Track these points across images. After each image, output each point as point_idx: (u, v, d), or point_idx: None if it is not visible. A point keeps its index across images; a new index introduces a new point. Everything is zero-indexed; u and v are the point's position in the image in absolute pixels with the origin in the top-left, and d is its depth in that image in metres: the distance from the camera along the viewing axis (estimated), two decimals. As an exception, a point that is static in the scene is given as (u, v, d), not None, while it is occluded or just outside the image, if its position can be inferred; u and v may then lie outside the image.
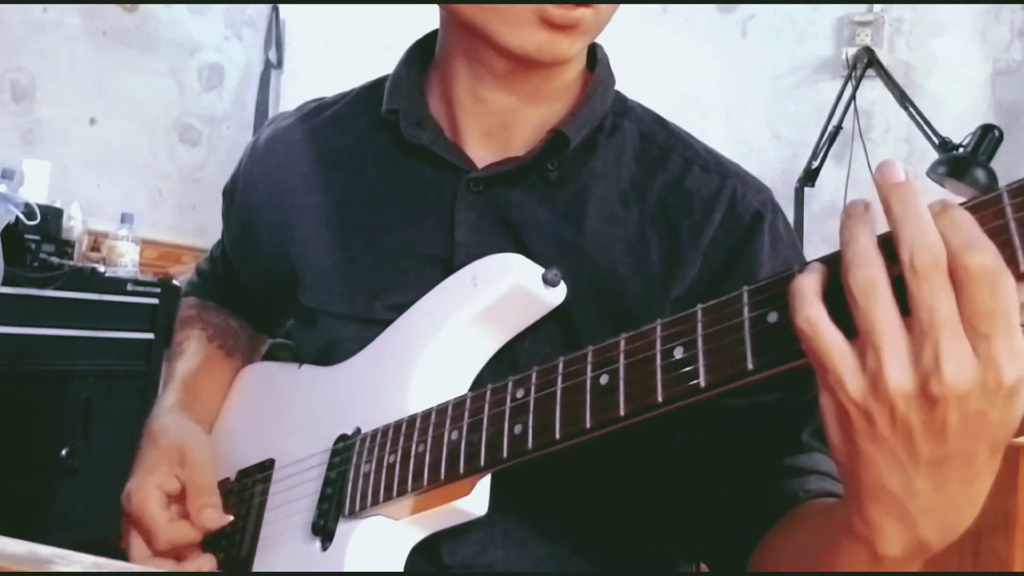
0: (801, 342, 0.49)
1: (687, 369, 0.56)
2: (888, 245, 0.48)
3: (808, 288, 0.49)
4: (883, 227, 0.49)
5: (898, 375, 0.47)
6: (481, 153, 0.82)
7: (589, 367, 0.61)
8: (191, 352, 1.00)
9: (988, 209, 0.47)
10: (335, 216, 0.86)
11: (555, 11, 0.72)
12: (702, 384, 0.55)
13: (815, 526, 0.63)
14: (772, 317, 0.52)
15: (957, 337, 0.46)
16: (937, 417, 0.47)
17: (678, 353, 0.56)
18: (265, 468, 0.86)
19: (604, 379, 0.60)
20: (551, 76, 0.81)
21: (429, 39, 0.89)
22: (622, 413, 0.59)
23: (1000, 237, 0.46)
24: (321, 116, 0.93)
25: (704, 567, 0.87)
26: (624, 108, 0.86)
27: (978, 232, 0.46)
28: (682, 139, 0.85)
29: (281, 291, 0.92)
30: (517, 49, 0.74)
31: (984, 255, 0.45)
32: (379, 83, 0.90)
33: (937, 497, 0.50)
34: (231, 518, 0.84)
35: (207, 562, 0.84)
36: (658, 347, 0.58)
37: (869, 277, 0.47)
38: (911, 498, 0.50)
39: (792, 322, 0.49)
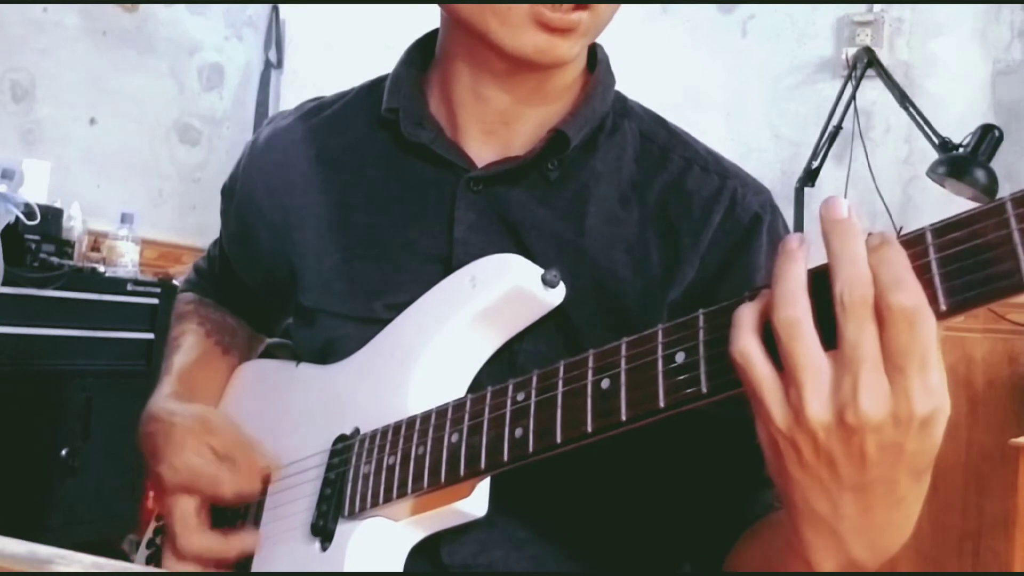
0: (736, 372, 0.52)
1: (689, 375, 0.56)
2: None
3: (745, 319, 0.52)
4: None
5: (817, 407, 0.49)
6: (481, 152, 0.82)
7: (590, 371, 0.61)
8: (188, 346, 1.00)
9: (917, 247, 0.49)
10: (334, 215, 0.86)
11: (552, 14, 0.72)
12: (704, 390, 0.55)
13: (770, 537, 0.67)
14: None
15: (876, 371, 0.48)
16: (855, 446, 0.50)
17: (680, 358, 0.56)
18: (265, 468, 0.86)
19: (605, 383, 0.60)
20: (551, 76, 0.81)
21: (429, 38, 0.89)
22: (624, 418, 0.59)
23: (924, 276, 0.48)
24: (320, 115, 0.93)
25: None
26: (624, 108, 0.86)
27: (906, 271, 0.48)
28: (682, 139, 0.85)
29: (279, 290, 0.92)
30: (515, 51, 0.74)
31: (905, 295, 0.48)
32: (379, 82, 0.90)
33: (864, 520, 0.53)
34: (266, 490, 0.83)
35: (250, 538, 0.82)
36: (660, 352, 0.58)
37: (792, 317, 0.50)
38: (839, 521, 0.53)
39: (728, 353, 0.52)
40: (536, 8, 0.72)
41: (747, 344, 0.51)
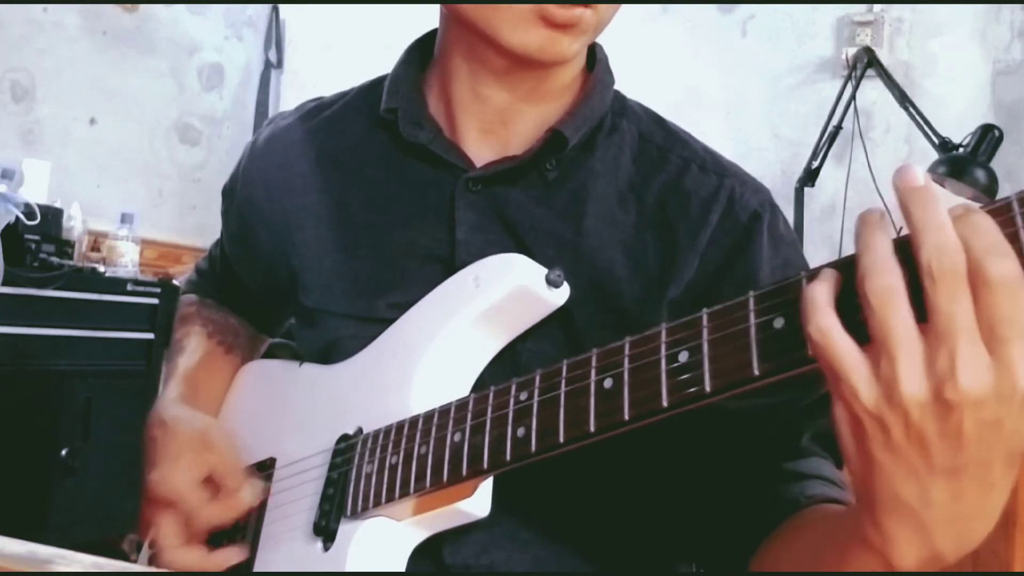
0: (813, 351, 0.49)
1: (692, 374, 0.56)
2: (905, 249, 0.48)
3: (820, 297, 0.49)
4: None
5: (913, 382, 0.46)
6: (479, 151, 0.82)
7: (593, 371, 0.61)
8: (192, 348, 1.00)
9: (1004, 215, 0.47)
10: (334, 216, 0.86)
11: (556, 10, 0.72)
12: (707, 389, 0.55)
13: (820, 534, 0.63)
14: (778, 323, 0.52)
15: (973, 343, 0.45)
16: (952, 425, 0.46)
17: (683, 358, 0.56)
18: (266, 467, 0.86)
19: (608, 383, 0.60)
20: (549, 75, 0.81)
21: (428, 38, 0.89)
22: (627, 417, 0.58)
23: (1016, 244, 0.46)
24: (320, 116, 0.93)
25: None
26: (623, 108, 0.86)
27: (1000, 238, 0.46)
28: (680, 139, 0.85)
29: (280, 291, 0.92)
30: (518, 48, 0.74)
31: (1007, 262, 0.45)
32: (378, 82, 0.90)
33: (953, 508, 0.49)
34: (267, 494, 0.84)
35: (236, 553, 0.82)
36: (663, 352, 0.57)
37: (886, 285, 0.47)
38: (927, 509, 0.49)
39: (804, 331, 0.49)
40: (540, 4, 0.72)
41: (825, 320, 0.48)
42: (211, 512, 0.82)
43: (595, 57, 0.85)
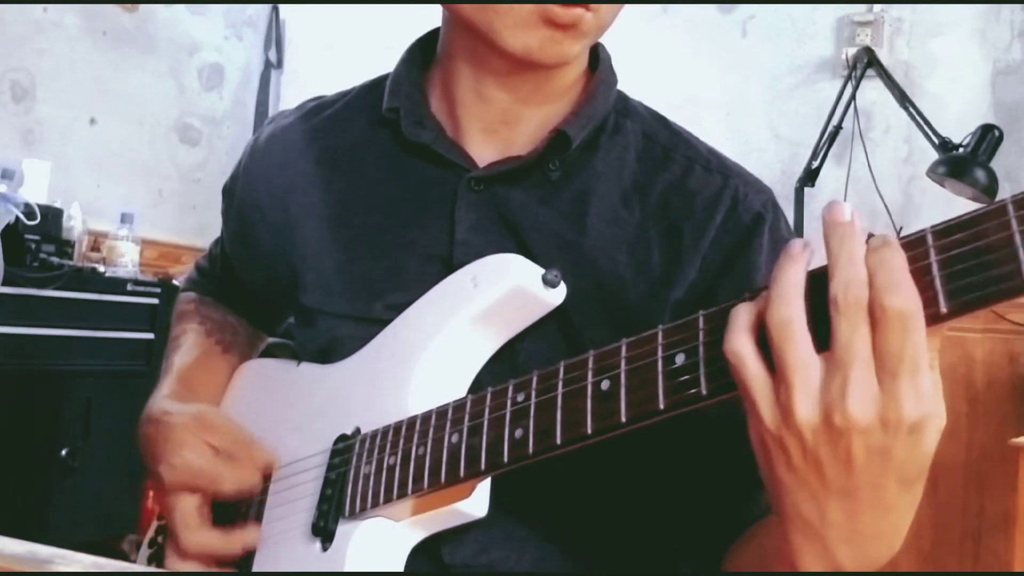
0: (731, 372, 0.52)
1: (688, 376, 0.56)
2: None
3: (740, 319, 0.52)
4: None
5: (805, 407, 0.49)
6: (482, 151, 0.82)
7: (590, 372, 0.61)
8: (188, 346, 1.00)
9: (918, 248, 0.49)
10: (335, 215, 0.86)
11: (557, 9, 0.72)
12: (703, 392, 0.55)
13: (763, 540, 0.68)
14: None
15: (866, 372, 0.48)
16: (841, 449, 0.50)
17: (680, 360, 0.56)
18: (265, 468, 0.86)
19: (605, 385, 0.60)
20: (552, 75, 0.81)
21: (430, 37, 0.89)
22: (624, 420, 0.58)
23: (925, 277, 0.48)
24: (321, 115, 0.93)
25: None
26: (626, 108, 0.86)
27: (902, 274, 0.48)
28: (684, 139, 0.85)
29: (280, 290, 0.92)
30: (519, 50, 0.74)
31: (899, 297, 0.48)
32: (379, 82, 0.90)
33: (850, 527, 0.53)
34: (266, 492, 0.84)
35: (252, 534, 0.82)
36: (659, 354, 0.57)
37: (785, 316, 0.50)
38: (826, 526, 0.53)
39: (724, 352, 0.52)
40: (541, 5, 0.72)
41: (740, 343, 0.52)
42: (233, 477, 0.82)
43: (598, 58, 0.85)
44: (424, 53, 0.88)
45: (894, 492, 0.52)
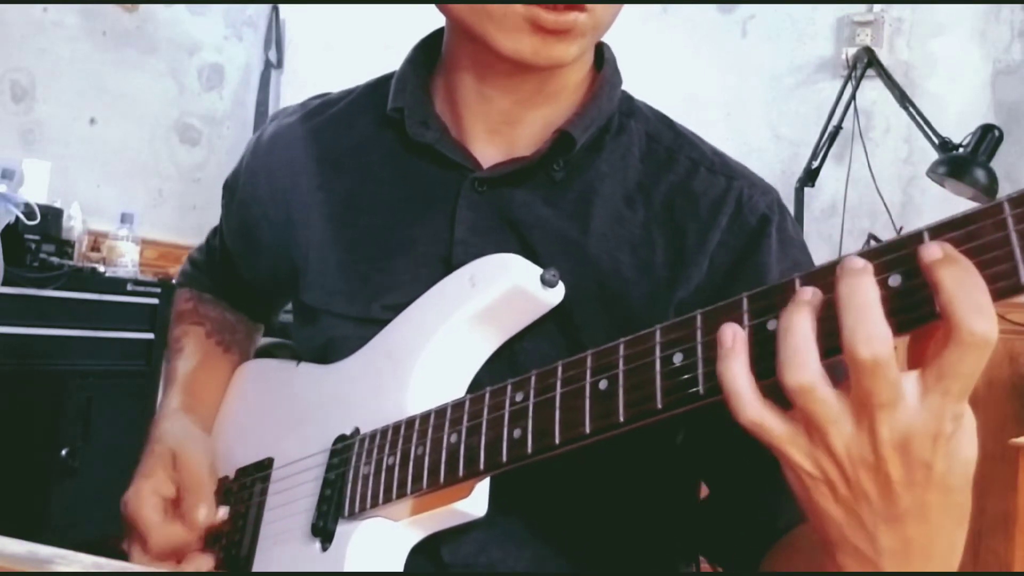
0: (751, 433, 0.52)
1: (686, 376, 0.55)
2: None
3: (741, 386, 0.52)
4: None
5: (842, 447, 0.50)
6: (486, 152, 0.82)
7: (588, 372, 0.61)
8: (190, 350, 1.00)
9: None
10: (338, 214, 0.86)
11: (547, 15, 0.71)
12: (701, 392, 0.55)
13: (807, 546, 0.65)
14: (772, 324, 0.52)
15: (892, 408, 0.48)
16: (882, 474, 0.50)
17: (677, 359, 0.56)
18: (264, 467, 0.86)
19: (603, 384, 0.60)
20: (554, 76, 0.80)
21: (434, 37, 0.89)
22: (622, 419, 0.58)
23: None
24: (325, 114, 0.92)
25: (705, 566, 0.87)
26: (631, 108, 0.86)
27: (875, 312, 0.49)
28: (688, 140, 0.85)
29: (281, 287, 0.92)
30: (512, 54, 0.74)
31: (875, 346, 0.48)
32: (384, 81, 0.90)
33: (904, 551, 0.52)
34: (223, 513, 0.85)
35: (205, 562, 0.84)
36: (657, 353, 0.57)
37: (805, 382, 0.49)
38: (879, 554, 0.53)
39: (739, 423, 0.52)
40: (531, 10, 0.71)
41: (756, 414, 0.52)
42: (164, 533, 0.84)
43: (603, 57, 0.85)
44: (428, 53, 0.88)
45: (938, 510, 0.51)
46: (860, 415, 0.49)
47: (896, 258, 0.49)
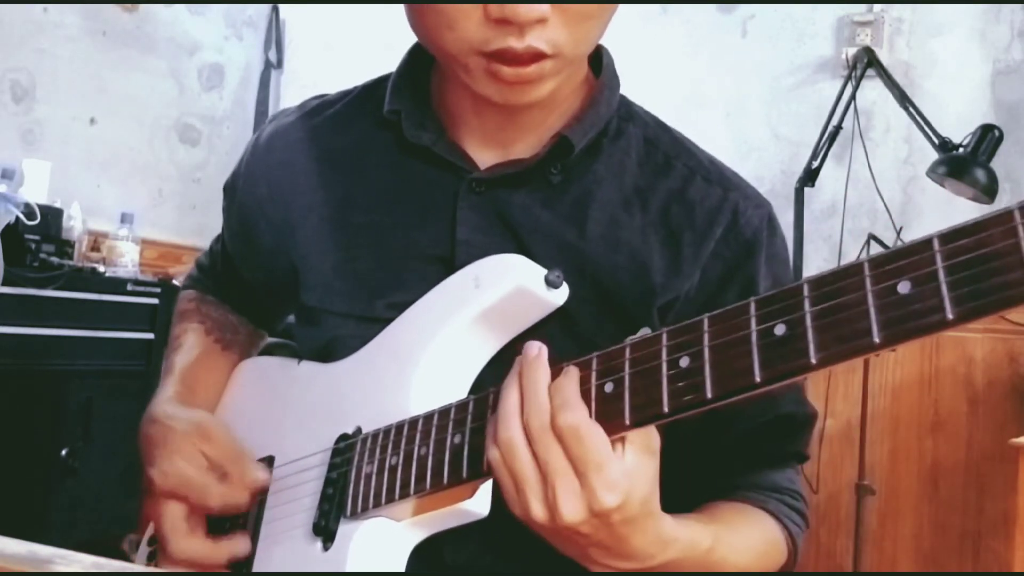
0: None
1: (693, 380, 0.55)
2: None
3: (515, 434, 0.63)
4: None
5: (537, 511, 0.61)
6: (483, 154, 0.82)
7: (594, 374, 0.61)
8: (188, 346, 1.00)
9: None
10: (337, 215, 0.86)
11: (507, 71, 0.70)
12: (708, 395, 0.55)
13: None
14: (779, 330, 0.52)
15: (568, 480, 0.60)
16: (573, 542, 0.62)
17: (684, 363, 0.56)
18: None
19: (609, 387, 0.60)
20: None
21: None
22: (627, 422, 0.59)
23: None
24: (323, 114, 0.92)
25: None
26: (629, 112, 0.86)
27: (572, 395, 0.61)
28: (686, 147, 0.85)
29: (281, 288, 0.92)
30: (483, 95, 0.74)
31: (569, 415, 0.60)
32: (381, 82, 0.90)
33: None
34: (268, 487, 0.84)
35: (241, 543, 0.82)
36: (664, 356, 0.57)
37: (507, 438, 0.62)
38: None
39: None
40: (492, 64, 0.70)
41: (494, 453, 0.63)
42: (221, 494, 0.81)
43: (601, 62, 0.85)
44: (425, 54, 0.88)
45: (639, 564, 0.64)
46: (546, 485, 0.61)
47: (909, 263, 0.49)
